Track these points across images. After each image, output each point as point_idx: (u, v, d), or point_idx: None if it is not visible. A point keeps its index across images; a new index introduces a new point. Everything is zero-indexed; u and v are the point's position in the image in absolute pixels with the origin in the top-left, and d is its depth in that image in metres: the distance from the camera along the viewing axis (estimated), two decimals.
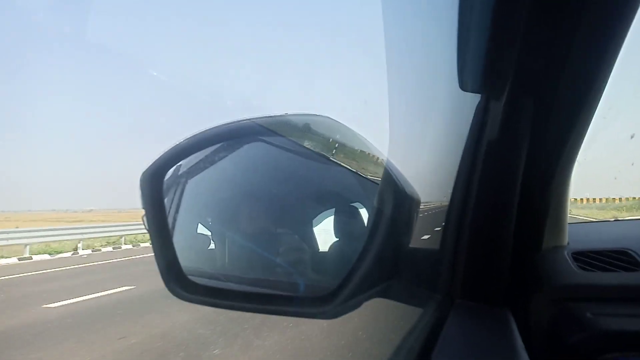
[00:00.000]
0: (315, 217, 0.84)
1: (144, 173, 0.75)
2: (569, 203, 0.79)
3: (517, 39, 0.59)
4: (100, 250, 14.85)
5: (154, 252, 0.74)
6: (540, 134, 0.67)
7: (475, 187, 0.67)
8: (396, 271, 0.73)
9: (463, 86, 0.67)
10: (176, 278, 0.73)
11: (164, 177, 0.77)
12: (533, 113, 0.65)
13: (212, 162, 0.84)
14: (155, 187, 0.75)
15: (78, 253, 13.89)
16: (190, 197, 0.96)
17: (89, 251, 14.35)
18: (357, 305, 0.66)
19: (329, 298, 0.65)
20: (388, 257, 0.70)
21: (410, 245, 0.77)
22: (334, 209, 0.84)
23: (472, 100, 0.69)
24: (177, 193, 0.96)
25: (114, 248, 15.36)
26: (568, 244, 0.80)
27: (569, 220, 0.81)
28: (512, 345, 0.51)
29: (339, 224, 0.81)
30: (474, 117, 0.69)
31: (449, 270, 0.69)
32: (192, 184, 0.95)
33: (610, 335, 0.56)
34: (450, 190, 0.72)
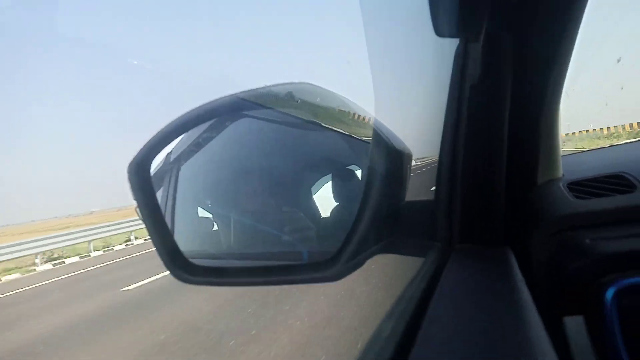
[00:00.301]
0: (312, 185, 0.84)
1: (130, 164, 0.74)
2: (559, 135, 0.79)
3: None
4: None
5: (152, 241, 0.74)
6: (523, 69, 0.66)
7: (463, 133, 0.67)
8: (395, 226, 0.73)
9: (439, 32, 0.66)
10: (179, 263, 0.73)
11: (150, 166, 0.76)
12: (513, 49, 0.64)
13: (199, 145, 0.84)
14: (143, 176, 0.75)
15: (132, 242, 15.98)
16: (185, 182, 0.96)
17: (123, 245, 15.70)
18: (359, 265, 0.67)
19: (331, 261, 0.66)
20: (385, 213, 0.71)
21: (409, 199, 0.77)
22: (330, 174, 0.84)
23: (451, 46, 0.68)
24: (172, 180, 0.96)
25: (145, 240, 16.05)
26: (563, 175, 0.80)
27: (563, 154, 0.81)
28: (511, 282, 0.52)
29: (337, 188, 0.82)
30: (454, 63, 0.67)
31: (446, 217, 0.70)
32: (184, 169, 0.95)
33: (609, 258, 0.56)
34: (439, 140, 0.72)
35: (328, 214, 0.81)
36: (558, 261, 0.62)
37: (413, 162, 0.83)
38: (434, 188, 0.73)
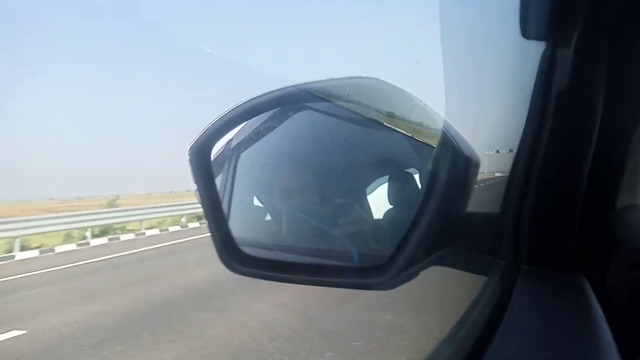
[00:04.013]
0: (368, 185, 0.81)
1: (191, 147, 0.75)
2: None
3: None
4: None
5: (208, 225, 0.75)
6: (618, 80, 0.60)
7: (543, 142, 0.61)
8: (453, 237, 0.69)
9: (526, 33, 0.60)
10: (231, 251, 0.73)
11: (210, 150, 0.77)
12: (609, 57, 0.58)
13: (260, 134, 0.83)
14: (204, 159, 0.76)
15: (186, 225, 16.74)
16: (243, 170, 0.96)
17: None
18: (413, 276, 0.63)
19: (383, 268, 0.63)
20: (444, 222, 0.67)
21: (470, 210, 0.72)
22: (387, 176, 0.81)
23: (536, 48, 0.62)
24: (231, 167, 0.97)
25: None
26: None
27: None
28: (591, 315, 0.46)
29: (393, 190, 0.78)
30: (539, 67, 0.62)
31: (513, 234, 0.65)
32: (244, 157, 0.95)
33: None
34: (515, 149, 0.67)
35: (381, 217, 0.78)
36: (638, 296, 0.56)
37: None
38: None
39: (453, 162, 0.67)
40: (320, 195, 0.82)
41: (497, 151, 1.06)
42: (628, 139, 0.64)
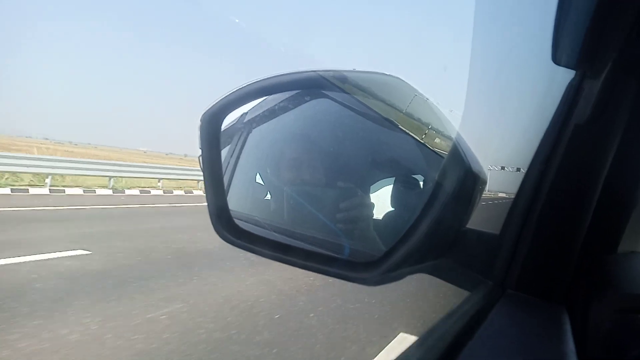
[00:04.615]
0: (373, 183, 0.81)
1: (204, 114, 0.75)
2: None
3: (628, 14, 0.51)
4: None
5: (206, 191, 0.75)
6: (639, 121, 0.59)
7: (552, 172, 0.61)
8: (448, 250, 0.69)
9: (556, 60, 0.60)
10: (225, 221, 0.73)
11: (222, 120, 0.77)
12: (635, 96, 0.57)
13: (274, 113, 0.83)
14: (214, 128, 0.76)
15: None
16: (251, 145, 0.96)
17: None
18: (399, 277, 0.63)
19: (372, 265, 0.63)
20: (441, 234, 0.66)
21: (469, 226, 0.72)
22: (393, 177, 0.80)
23: (564, 76, 0.61)
24: (241, 140, 0.97)
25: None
26: None
27: None
28: (562, 349, 0.46)
29: (397, 193, 0.78)
30: (563, 95, 0.61)
31: (507, 257, 0.64)
32: (255, 132, 0.95)
33: None
34: (523, 169, 0.66)
35: (380, 217, 0.78)
36: (618, 340, 0.55)
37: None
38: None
39: (460, 176, 0.67)
40: (325, 182, 0.82)
41: (503, 168, 1.05)
42: (638, 183, 0.64)
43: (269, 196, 0.93)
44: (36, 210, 9.07)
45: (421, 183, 0.77)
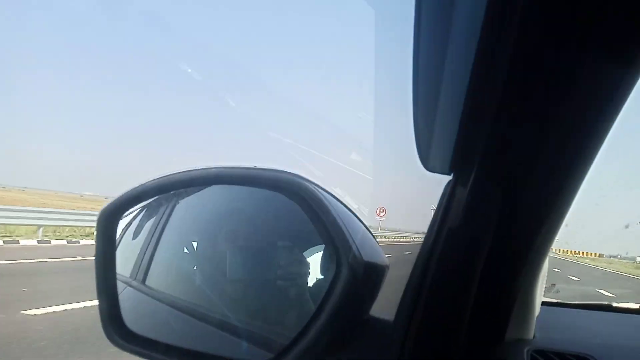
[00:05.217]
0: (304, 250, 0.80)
1: (102, 210, 0.74)
2: (538, 294, 0.75)
3: (487, 123, 0.55)
4: None
5: (97, 290, 0.72)
6: (508, 226, 0.63)
7: (431, 273, 0.64)
8: (347, 344, 0.69)
9: (429, 166, 0.64)
10: (116, 324, 0.71)
11: (119, 218, 0.75)
12: (501, 204, 0.61)
13: (173, 209, 0.83)
14: (110, 226, 0.74)
15: None
16: (178, 217, 0.95)
17: None
18: None
19: None
20: (339, 328, 0.67)
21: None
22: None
23: (442, 182, 0.66)
24: (166, 212, 0.95)
25: None
26: (534, 337, 0.75)
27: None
28: None
29: (325, 262, 0.77)
30: (439, 200, 0.65)
31: (399, 348, 0.66)
32: (181, 204, 0.94)
33: None
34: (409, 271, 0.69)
35: (310, 284, 0.77)
36: None
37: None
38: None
39: (358, 267, 0.68)
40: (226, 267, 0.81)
41: None
42: (513, 282, 0.67)
43: (195, 267, 0.91)
44: None
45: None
